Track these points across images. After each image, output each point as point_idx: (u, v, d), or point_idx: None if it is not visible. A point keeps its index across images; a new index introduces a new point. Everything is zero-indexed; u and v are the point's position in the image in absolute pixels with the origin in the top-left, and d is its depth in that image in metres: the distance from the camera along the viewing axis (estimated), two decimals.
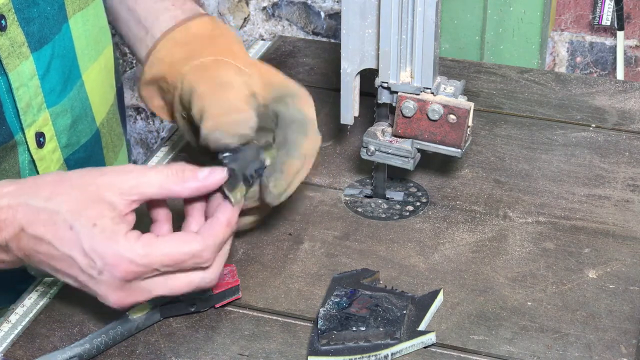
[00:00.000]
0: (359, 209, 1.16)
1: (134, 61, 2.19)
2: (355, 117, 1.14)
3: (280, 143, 1.01)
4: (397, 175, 1.20)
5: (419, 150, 1.11)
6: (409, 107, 1.07)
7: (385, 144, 1.10)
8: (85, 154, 1.18)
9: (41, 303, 1.02)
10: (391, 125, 1.11)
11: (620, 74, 1.81)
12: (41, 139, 1.09)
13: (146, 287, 0.90)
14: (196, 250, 0.89)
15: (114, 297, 0.90)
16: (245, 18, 2.07)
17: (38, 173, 1.10)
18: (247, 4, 2.06)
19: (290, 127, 1.02)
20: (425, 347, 0.96)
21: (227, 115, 0.99)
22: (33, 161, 1.09)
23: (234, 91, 1.02)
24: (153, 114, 2.26)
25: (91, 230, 0.87)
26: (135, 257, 0.87)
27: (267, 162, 1.00)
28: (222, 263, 0.94)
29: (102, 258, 0.87)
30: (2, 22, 1.02)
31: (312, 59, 1.47)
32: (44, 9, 1.07)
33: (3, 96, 1.04)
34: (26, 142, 1.08)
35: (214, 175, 0.92)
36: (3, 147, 1.06)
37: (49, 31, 1.08)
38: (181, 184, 0.91)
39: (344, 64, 1.10)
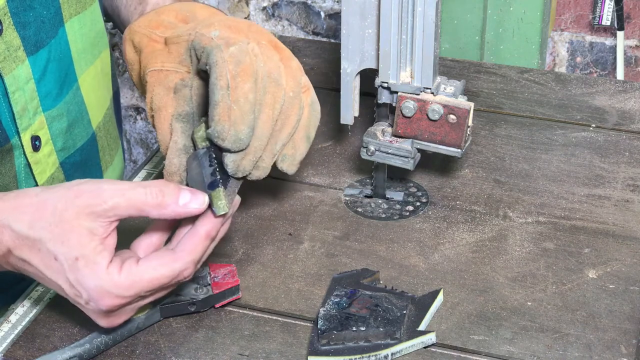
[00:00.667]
0: (359, 209, 1.16)
1: None
2: (355, 117, 1.14)
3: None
4: (397, 175, 1.20)
5: (419, 150, 1.11)
6: (409, 107, 1.07)
7: (385, 144, 1.10)
8: (81, 158, 1.18)
9: (41, 303, 1.02)
10: (391, 125, 1.11)
11: (620, 74, 1.82)
12: (37, 143, 1.09)
13: (132, 307, 0.92)
14: (178, 271, 0.90)
15: (102, 322, 0.92)
16: (246, 18, 2.07)
17: (34, 176, 1.10)
18: (247, 4, 2.06)
19: (210, 77, 0.95)
20: (425, 347, 0.96)
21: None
22: (29, 165, 1.09)
23: (161, 117, 0.99)
24: None
25: (74, 264, 0.88)
26: (120, 291, 0.88)
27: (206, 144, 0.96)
28: (199, 267, 0.94)
29: (87, 292, 0.88)
30: None
31: (312, 59, 1.47)
32: (40, 13, 1.06)
33: None
34: (22, 145, 1.08)
35: (196, 202, 0.91)
36: None
37: (45, 35, 1.08)
38: (159, 209, 0.89)
39: (344, 64, 1.10)
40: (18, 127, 1.06)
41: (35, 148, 1.09)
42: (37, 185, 1.10)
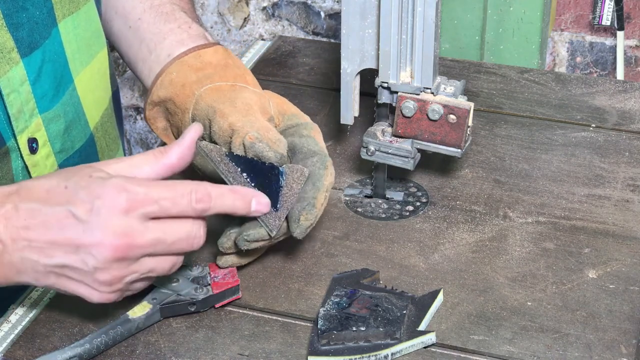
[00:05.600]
0: (359, 209, 1.16)
1: None
2: (355, 117, 1.14)
3: None
4: (397, 175, 1.20)
5: (419, 150, 1.11)
6: (409, 107, 1.07)
7: (385, 144, 1.10)
8: (80, 159, 1.18)
9: (41, 303, 1.02)
10: (391, 125, 1.11)
11: (620, 74, 1.81)
12: (34, 145, 1.08)
13: (136, 267, 0.91)
14: (189, 189, 0.91)
15: (105, 274, 0.90)
16: (245, 18, 2.07)
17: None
18: (247, 4, 2.06)
19: (310, 159, 1.03)
20: (425, 347, 0.96)
21: (268, 131, 1.02)
22: (26, 167, 1.09)
23: (257, 113, 1.05)
24: None
25: (87, 179, 0.90)
26: (136, 185, 0.89)
27: None
28: (205, 222, 0.94)
29: (101, 195, 0.89)
30: None
31: (312, 59, 1.47)
32: (33, 13, 1.06)
33: None
34: (19, 148, 1.07)
35: (193, 127, 0.97)
36: None
37: (39, 36, 1.07)
38: (162, 152, 0.95)
39: (344, 64, 1.10)
40: (14, 129, 1.06)
41: (33, 150, 1.09)
42: None
